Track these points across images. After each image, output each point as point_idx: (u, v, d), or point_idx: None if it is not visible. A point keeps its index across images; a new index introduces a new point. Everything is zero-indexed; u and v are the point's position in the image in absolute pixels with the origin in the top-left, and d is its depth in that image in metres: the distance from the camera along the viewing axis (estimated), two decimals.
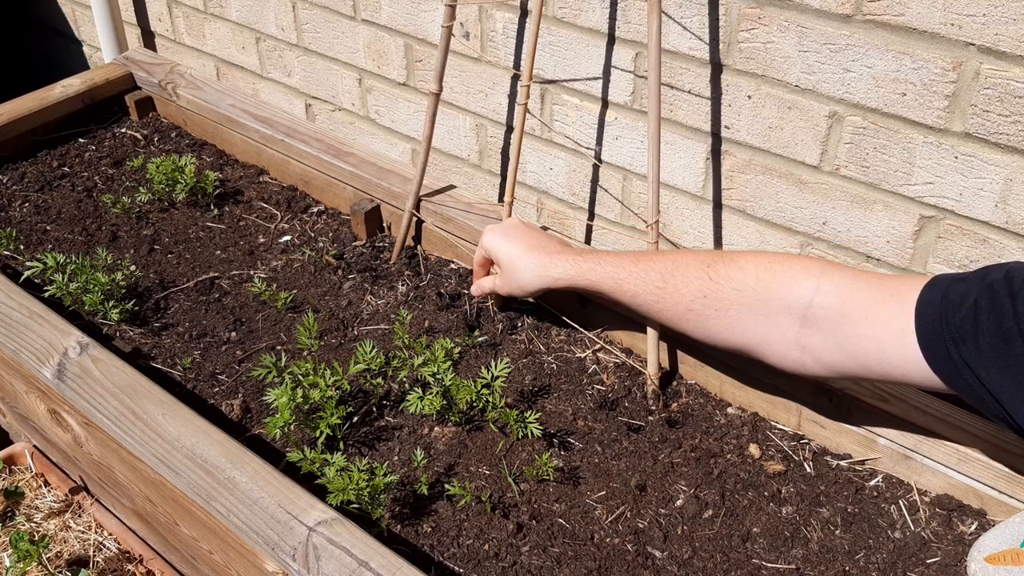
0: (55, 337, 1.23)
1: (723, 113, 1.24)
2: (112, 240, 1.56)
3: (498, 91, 1.47)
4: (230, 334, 1.36)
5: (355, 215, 1.53)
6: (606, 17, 1.28)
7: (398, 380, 1.25)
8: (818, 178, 1.20)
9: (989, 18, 0.98)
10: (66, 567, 1.24)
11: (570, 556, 1.05)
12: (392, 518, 1.09)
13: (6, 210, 1.62)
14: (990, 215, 1.08)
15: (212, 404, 1.25)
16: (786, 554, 1.05)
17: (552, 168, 1.48)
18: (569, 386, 1.26)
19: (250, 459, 1.06)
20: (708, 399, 1.25)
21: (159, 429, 1.11)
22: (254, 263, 1.51)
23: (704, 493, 1.12)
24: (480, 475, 1.14)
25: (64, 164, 1.74)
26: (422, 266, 1.49)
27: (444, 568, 1.04)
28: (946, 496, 1.10)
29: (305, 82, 1.77)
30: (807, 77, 1.14)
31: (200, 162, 1.74)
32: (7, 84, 1.94)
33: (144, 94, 1.87)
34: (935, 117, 1.07)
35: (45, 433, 1.33)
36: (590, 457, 1.17)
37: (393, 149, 1.70)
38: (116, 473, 1.19)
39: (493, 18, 1.41)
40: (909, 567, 1.04)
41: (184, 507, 1.08)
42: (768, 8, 1.13)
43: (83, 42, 2.29)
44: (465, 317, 1.38)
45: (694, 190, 1.33)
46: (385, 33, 1.57)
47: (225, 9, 1.81)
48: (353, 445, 1.19)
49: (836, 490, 1.12)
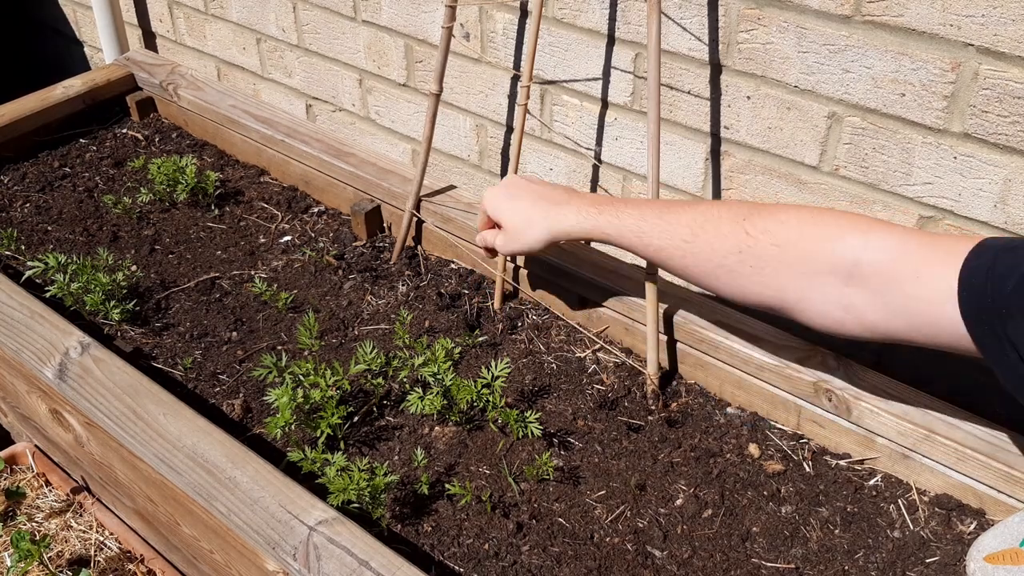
0: (56, 337, 1.23)
1: (723, 114, 1.24)
2: (113, 240, 1.56)
3: (498, 92, 1.48)
4: (231, 334, 1.37)
5: (355, 215, 1.53)
6: (606, 18, 1.28)
7: (398, 380, 1.26)
8: (817, 178, 1.20)
9: (988, 19, 0.98)
10: (67, 567, 1.24)
11: (570, 555, 1.05)
12: (392, 518, 1.09)
13: (7, 210, 1.62)
14: (989, 215, 1.09)
15: (213, 404, 1.25)
16: (785, 553, 1.06)
17: (552, 168, 1.48)
18: (569, 386, 1.27)
19: (251, 459, 1.07)
20: (708, 399, 1.25)
21: (160, 429, 1.11)
22: (255, 263, 1.51)
23: (704, 493, 1.12)
24: (480, 475, 1.14)
25: (65, 164, 1.74)
26: (422, 266, 1.49)
27: (444, 567, 1.04)
28: (945, 495, 1.10)
29: (306, 83, 1.78)
30: (806, 78, 1.14)
31: (201, 162, 1.74)
32: (8, 85, 1.94)
33: (145, 95, 1.87)
34: (934, 117, 1.07)
35: (46, 433, 1.34)
36: (590, 457, 1.17)
37: (393, 149, 1.70)
38: (117, 473, 1.20)
39: (493, 19, 1.41)
40: (908, 566, 1.04)
41: (185, 507, 1.08)
42: (767, 9, 1.13)
43: (84, 43, 2.29)
44: (465, 317, 1.38)
45: (694, 190, 1.33)
46: (385, 34, 1.57)
47: (226, 10, 1.82)
48: (354, 445, 1.19)
49: (835, 489, 1.13)
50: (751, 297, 1.02)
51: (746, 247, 0.99)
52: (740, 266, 1.00)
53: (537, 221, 1.14)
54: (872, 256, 0.92)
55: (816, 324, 0.99)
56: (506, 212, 1.18)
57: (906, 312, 0.91)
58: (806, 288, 0.97)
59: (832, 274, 0.95)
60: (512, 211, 1.17)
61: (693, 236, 1.03)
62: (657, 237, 1.06)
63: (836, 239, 0.94)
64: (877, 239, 0.92)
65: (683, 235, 1.04)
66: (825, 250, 0.95)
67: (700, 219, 1.03)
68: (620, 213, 1.09)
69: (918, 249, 0.90)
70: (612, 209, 1.10)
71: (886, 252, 0.91)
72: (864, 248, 0.92)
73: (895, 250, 0.91)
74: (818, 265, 0.95)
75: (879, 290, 0.92)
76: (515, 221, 1.17)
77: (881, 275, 0.91)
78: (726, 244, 1.00)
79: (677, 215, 1.05)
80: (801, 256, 0.96)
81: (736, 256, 1.00)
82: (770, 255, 0.98)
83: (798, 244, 0.96)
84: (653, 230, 1.06)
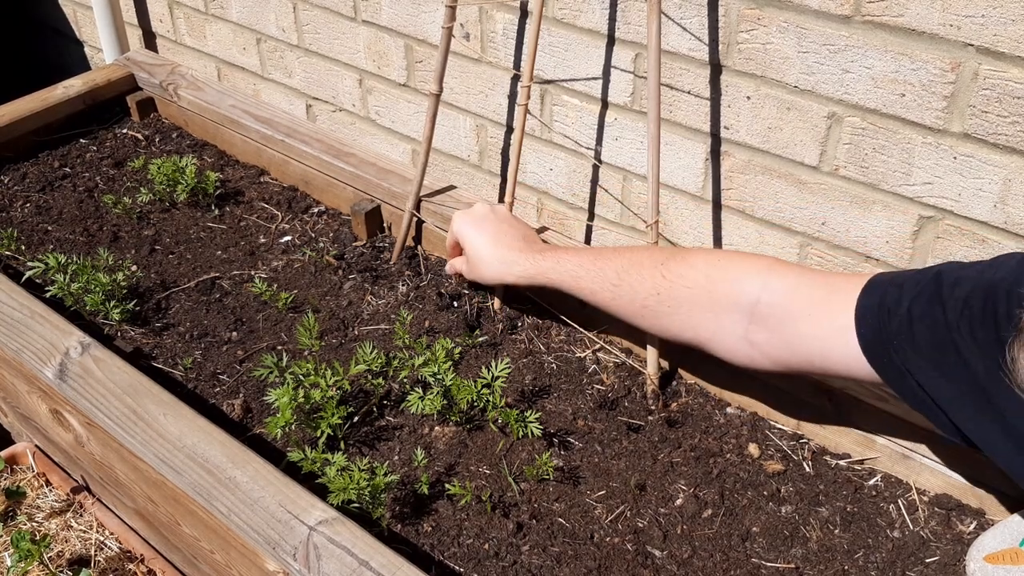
0: (57, 337, 1.23)
1: (722, 114, 1.24)
2: (113, 240, 1.56)
3: (498, 92, 1.48)
4: (231, 334, 1.37)
5: (355, 215, 1.53)
6: (606, 18, 1.28)
7: (398, 380, 1.26)
8: (817, 178, 1.20)
9: (988, 19, 0.98)
10: (67, 566, 1.24)
11: (570, 555, 1.05)
12: (393, 517, 1.09)
13: (8, 210, 1.62)
14: (989, 215, 1.09)
15: (213, 404, 1.25)
16: (785, 553, 1.06)
17: (552, 168, 1.48)
18: (569, 386, 1.27)
19: (251, 459, 1.07)
20: (707, 399, 1.25)
21: (160, 429, 1.11)
22: (255, 263, 1.51)
23: (703, 492, 1.12)
24: (480, 475, 1.14)
25: (65, 165, 1.74)
26: (422, 266, 1.49)
27: (444, 567, 1.04)
28: (945, 495, 1.10)
29: (306, 83, 1.78)
30: (806, 78, 1.14)
31: (201, 163, 1.74)
32: (8, 85, 1.94)
33: (145, 95, 1.87)
34: (934, 118, 1.07)
35: (47, 433, 1.34)
36: (590, 457, 1.17)
37: (393, 150, 1.70)
38: (117, 473, 1.20)
39: (493, 19, 1.41)
40: (908, 566, 1.04)
41: (185, 507, 1.08)
42: (767, 9, 1.13)
43: (84, 43, 2.29)
44: (465, 317, 1.38)
45: (694, 190, 1.33)
46: (385, 34, 1.57)
47: (226, 10, 1.82)
48: (354, 445, 1.19)
49: (835, 489, 1.13)
50: (672, 334, 1.13)
51: (663, 289, 1.09)
52: (659, 306, 1.10)
53: (492, 263, 1.26)
54: (769, 297, 1.01)
55: (730, 359, 1.08)
56: (470, 243, 1.28)
57: (805, 348, 0.99)
58: (715, 327, 1.06)
59: (736, 312, 1.04)
60: (473, 244, 1.28)
61: (619, 280, 1.13)
62: (590, 281, 1.16)
63: (739, 280, 1.03)
64: (775, 279, 1.01)
65: (611, 279, 1.14)
66: (728, 291, 1.04)
67: (626, 264, 1.13)
68: (561, 259, 1.20)
69: (811, 289, 0.99)
70: (555, 255, 1.21)
71: (782, 294, 1.00)
72: (763, 289, 1.01)
73: (790, 291, 0.99)
74: (724, 305, 1.05)
75: (777, 328, 1.00)
76: (474, 255, 1.28)
77: (777, 315, 1.00)
78: (646, 287, 1.10)
79: (608, 260, 1.16)
80: (709, 297, 1.06)
81: (655, 298, 1.10)
82: (683, 296, 1.08)
83: (706, 286, 1.06)
84: (587, 275, 1.16)
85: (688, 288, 1.07)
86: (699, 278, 1.06)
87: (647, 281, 1.10)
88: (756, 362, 1.05)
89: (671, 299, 1.08)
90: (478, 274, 1.29)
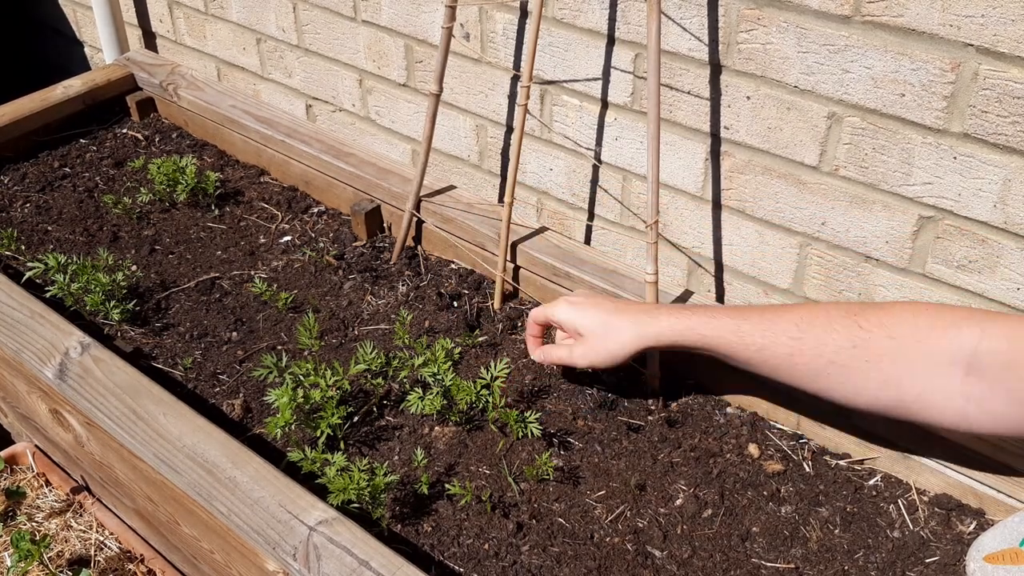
0: (57, 337, 1.23)
1: (722, 114, 1.24)
2: (113, 240, 1.56)
3: (498, 92, 1.48)
4: (231, 334, 1.37)
5: (355, 215, 1.53)
6: (605, 18, 1.28)
7: (398, 380, 1.26)
8: (817, 178, 1.20)
9: (988, 19, 0.98)
10: (67, 567, 1.24)
11: (570, 555, 1.05)
12: (392, 518, 1.09)
13: (7, 210, 1.62)
14: (989, 215, 1.09)
15: (213, 404, 1.25)
16: (785, 553, 1.06)
17: (552, 168, 1.48)
18: (569, 386, 1.27)
19: (251, 459, 1.07)
20: (707, 399, 1.25)
21: (160, 429, 1.11)
22: (255, 263, 1.51)
23: (703, 492, 1.12)
24: (480, 475, 1.14)
25: (65, 165, 1.74)
26: (422, 266, 1.49)
27: (444, 567, 1.04)
28: (945, 495, 1.10)
29: (306, 83, 1.78)
30: (806, 78, 1.14)
31: (201, 163, 1.74)
32: (8, 85, 1.95)
33: (145, 95, 1.87)
34: (934, 118, 1.07)
35: (47, 433, 1.34)
36: (590, 457, 1.17)
37: (393, 150, 1.70)
38: (117, 473, 1.20)
39: (493, 19, 1.41)
40: (908, 566, 1.04)
41: (185, 506, 1.08)
42: (767, 9, 1.13)
43: (84, 43, 2.30)
44: (465, 317, 1.38)
45: (694, 190, 1.33)
46: (385, 34, 1.57)
47: (226, 10, 1.82)
48: (354, 445, 1.19)
49: (835, 489, 1.13)
50: (865, 395, 1.00)
51: (861, 340, 0.97)
52: (854, 360, 0.98)
53: (624, 328, 1.12)
54: (989, 344, 0.91)
55: (937, 420, 0.98)
56: (589, 320, 1.15)
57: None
58: (924, 382, 0.95)
59: (950, 364, 0.93)
60: (597, 319, 1.14)
61: (800, 332, 1.01)
62: (760, 335, 1.03)
63: (953, 328, 0.93)
64: (993, 327, 0.92)
65: (789, 332, 1.02)
66: (942, 341, 0.94)
67: (808, 316, 1.02)
68: (714, 314, 1.08)
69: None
70: (704, 311, 1.09)
71: (1004, 340, 0.90)
72: (982, 336, 0.91)
73: (1013, 338, 0.90)
74: (936, 356, 0.94)
75: (999, 378, 0.91)
76: (598, 330, 1.14)
77: (1000, 364, 0.90)
78: (839, 338, 0.98)
79: (780, 314, 1.04)
80: (918, 348, 0.95)
81: (850, 351, 0.98)
82: (886, 348, 0.96)
83: (914, 335, 0.95)
84: (755, 329, 1.04)
85: (892, 338, 0.95)
86: (905, 328, 0.95)
87: (839, 332, 0.98)
88: (970, 420, 0.94)
89: (869, 352, 0.96)
90: (607, 349, 1.13)
